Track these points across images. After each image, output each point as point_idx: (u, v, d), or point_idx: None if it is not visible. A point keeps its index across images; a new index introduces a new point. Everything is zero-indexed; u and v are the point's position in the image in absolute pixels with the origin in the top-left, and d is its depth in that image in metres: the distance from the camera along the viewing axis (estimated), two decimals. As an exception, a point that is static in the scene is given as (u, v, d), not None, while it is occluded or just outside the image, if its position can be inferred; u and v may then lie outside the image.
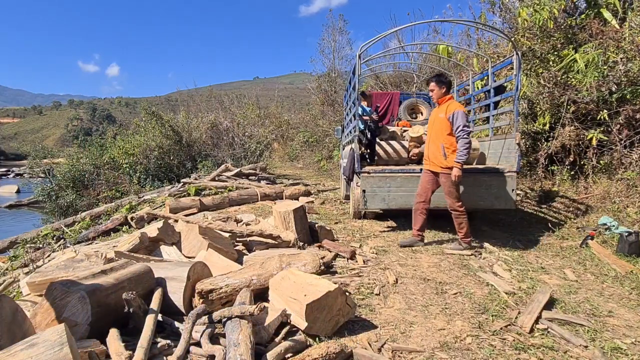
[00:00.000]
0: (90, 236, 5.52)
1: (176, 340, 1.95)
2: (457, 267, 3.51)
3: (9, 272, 4.39)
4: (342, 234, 4.62)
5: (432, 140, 4.10)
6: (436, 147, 4.01)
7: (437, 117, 4.06)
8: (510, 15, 7.85)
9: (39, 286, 2.51)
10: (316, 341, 2.09)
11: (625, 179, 5.44)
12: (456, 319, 2.49)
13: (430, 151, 4.10)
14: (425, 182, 4.17)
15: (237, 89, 44.46)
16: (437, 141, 4.01)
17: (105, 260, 2.87)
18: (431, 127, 4.15)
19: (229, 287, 2.34)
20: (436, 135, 4.02)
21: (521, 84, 5.76)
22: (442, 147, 3.95)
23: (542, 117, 6.64)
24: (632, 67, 5.58)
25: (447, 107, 3.97)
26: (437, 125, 4.03)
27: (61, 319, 1.89)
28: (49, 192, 10.89)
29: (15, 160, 61.08)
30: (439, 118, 4.02)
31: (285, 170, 14.57)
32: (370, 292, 2.85)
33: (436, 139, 4.02)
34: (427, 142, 4.22)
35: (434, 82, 4.04)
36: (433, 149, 4.05)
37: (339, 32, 16.52)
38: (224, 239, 3.48)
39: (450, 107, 3.94)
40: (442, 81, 4.03)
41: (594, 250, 4.17)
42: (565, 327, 2.45)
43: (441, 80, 4.03)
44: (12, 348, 1.43)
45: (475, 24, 7.90)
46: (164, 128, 12.28)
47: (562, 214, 5.66)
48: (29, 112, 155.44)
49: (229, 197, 6.54)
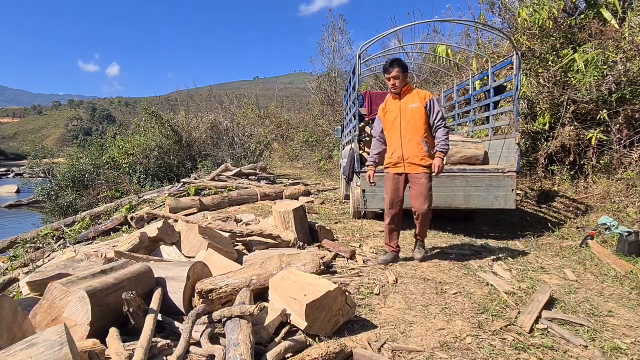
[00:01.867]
0: (90, 236, 5.53)
1: (176, 340, 1.95)
2: (457, 267, 3.51)
3: (9, 272, 4.39)
4: (342, 234, 4.62)
5: (409, 137, 3.42)
6: (416, 144, 3.40)
7: (407, 108, 3.42)
8: (510, 15, 7.86)
9: (39, 286, 2.51)
10: (316, 341, 2.09)
11: (625, 179, 5.45)
12: (456, 319, 2.49)
13: (407, 150, 3.42)
14: (395, 189, 3.51)
15: (237, 89, 44.48)
16: (416, 137, 3.40)
17: (105, 260, 2.87)
18: (404, 122, 3.44)
19: (229, 287, 2.34)
20: (414, 130, 3.40)
21: (521, 84, 5.76)
22: (424, 142, 3.40)
23: (542, 117, 6.65)
24: (632, 67, 5.59)
25: (417, 95, 3.44)
26: (411, 119, 3.41)
27: (61, 319, 1.90)
28: (49, 192, 10.90)
29: (15, 160, 61.11)
30: (411, 110, 3.40)
31: (285, 170, 14.57)
32: (370, 292, 2.85)
33: (414, 134, 3.40)
34: (397, 140, 3.48)
35: (398, 68, 3.37)
36: (412, 148, 3.41)
37: (339, 32, 16.55)
38: (224, 239, 3.48)
39: (422, 95, 3.44)
40: (406, 67, 3.45)
41: (594, 250, 4.17)
42: (565, 327, 2.45)
43: (405, 66, 3.43)
44: (12, 348, 1.43)
45: (475, 24, 7.90)
46: (164, 128, 12.29)
47: (562, 214, 5.66)
48: (29, 112, 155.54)
49: (229, 197, 6.54)
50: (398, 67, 3.37)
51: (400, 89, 3.45)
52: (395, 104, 3.51)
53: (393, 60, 3.44)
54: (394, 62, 3.42)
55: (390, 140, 3.57)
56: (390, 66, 3.41)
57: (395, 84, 3.41)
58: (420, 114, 3.40)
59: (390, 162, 3.54)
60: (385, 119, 3.57)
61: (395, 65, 3.38)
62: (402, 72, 3.38)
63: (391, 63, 3.42)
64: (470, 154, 5.34)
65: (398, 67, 3.37)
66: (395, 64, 3.40)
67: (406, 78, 3.46)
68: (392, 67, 3.39)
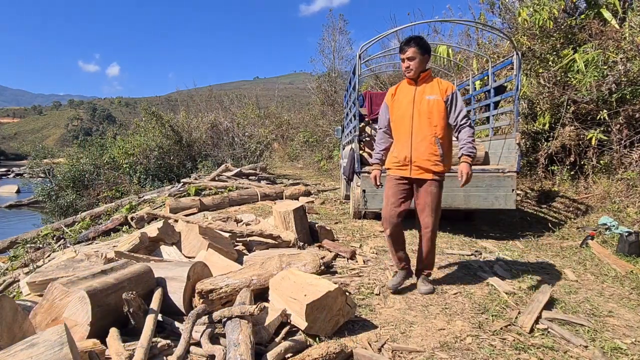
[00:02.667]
0: (90, 236, 5.53)
1: (176, 340, 1.95)
2: (457, 267, 3.51)
3: (9, 272, 4.39)
4: (342, 234, 4.62)
5: (421, 135, 2.77)
6: (428, 144, 2.75)
7: (422, 99, 2.78)
8: (510, 16, 7.86)
9: (39, 286, 2.51)
10: (316, 341, 2.09)
11: (625, 179, 5.45)
12: (456, 319, 2.49)
13: (417, 151, 2.78)
14: (395, 198, 2.85)
15: (237, 89, 44.49)
16: (428, 134, 2.75)
17: (105, 260, 2.87)
18: (417, 115, 2.79)
19: (229, 287, 2.34)
20: (429, 126, 2.75)
21: (521, 84, 5.77)
22: (439, 143, 2.75)
23: (542, 117, 6.65)
24: (632, 67, 5.59)
25: (438, 85, 2.80)
26: (427, 112, 2.76)
27: (61, 319, 1.90)
28: (49, 192, 10.91)
29: (15, 160, 61.13)
30: (427, 102, 2.76)
31: (285, 170, 14.57)
32: (370, 292, 2.85)
33: (427, 130, 2.75)
34: (405, 136, 2.83)
35: (415, 47, 2.74)
36: (423, 148, 2.76)
37: (339, 32, 16.57)
38: (224, 239, 3.48)
39: (444, 86, 2.81)
40: (426, 47, 2.79)
41: (594, 250, 4.17)
42: (565, 327, 2.45)
43: (425, 46, 2.79)
44: (12, 348, 1.43)
45: (475, 24, 7.90)
46: (164, 128, 12.30)
47: (562, 214, 5.66)
48: (29, 112, 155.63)
49: (229, 197, 6.54)
50: (415, 47, 2.73)
51: (417, 74, 2.79)
52: (408, 90, 2.85)
53: (410, 38, 2.81)
54: (411, 40, 2.78)
55: (397, 135, 2.91)
56: (405, 44, 2.78)
57: (409, 65, 2.77)
58: (438, 108, 2.75)
59: (393, 162, 2.90)
60: (394, 108, 2.90)
61: (412, 44, 2.74)
62: (420, 52, 2.74)
63: (407, 41, 2.79)
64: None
65: (415, 47, 2.73)
66: (413, 42, 2.76)
67: (426, 61, 2.82)
68: (407, 46, 2.76)
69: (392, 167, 2.91)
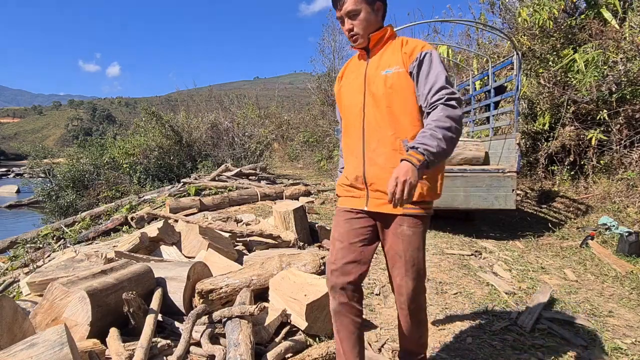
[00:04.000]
0: (90, 236, 5.52)
1: (176, 340, 1.95)
2: (457, 267, 3.51)
3: (9, 272, 4.39)
4: (342, 234, 4.61)
5: (374, 135, 1.60)
6: (390, 149, 1.56)
7: (377, 77, 1.59)
8: (510, 15, 7.86)
9: (39, 286, 2.51)
10: (316, 341, 2.09)
11: (625, 179, 5.45)
12: (456, 319, 2.49)
13: (371, 162, 1.60)
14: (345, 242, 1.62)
15: (237, 89, 44.48)
16: (388, 134, 1.57)
17: (105, 260, 2.86)
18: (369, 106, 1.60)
19: (229, 287, 2.34)
20: (388, 119, 1.57)
21: (521, 84, 5.76)
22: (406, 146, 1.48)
23: (542, 117, 6.65)
24: (632, 67, 5.59)
25: (401, 48, 1.58)
26: (385, 96, 1.57)
27: (61, 319, 1.90)
28: (49, 192, 10.91)
29: (15, 160, 61.16)
30: (384, 79, 1.57)
31: (285, 170, 14.57)
32: (370, 292, 2.85)
33: (387, 128, 1.57)
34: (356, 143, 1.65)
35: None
36: (382, 157, 1.57)
37: (339, 32, 16.54)
38: (224, 239, 3.48)
39: (410, 46, 1.56)
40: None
41: (594, 250, 4.17)
42: (565, 327, 2.45)
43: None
44: (12, 348, 1.43)
45: (476, 24, 7.90)
46: (164, 128, 12.29)
47: (562, 214, 5.65)
48: (29, 112, 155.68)
49: (229, 197, 6.54)
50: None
51: (366, 38, 1.62)
52: (358, 68, 1.71)
53: None
54: None
55: (346, 139, 1.75)
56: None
57: (352, 27, 1.60)
58: (402, 87, 1.55)
59: (342, 186, 1.74)
60: (342, 97, 1.76)
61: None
62: (365, 2, 1.56)
63: None
64: (471, 155, 5.33)
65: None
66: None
67: (379, 13, 1.62)
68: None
69: (342, 193, 1.74)
